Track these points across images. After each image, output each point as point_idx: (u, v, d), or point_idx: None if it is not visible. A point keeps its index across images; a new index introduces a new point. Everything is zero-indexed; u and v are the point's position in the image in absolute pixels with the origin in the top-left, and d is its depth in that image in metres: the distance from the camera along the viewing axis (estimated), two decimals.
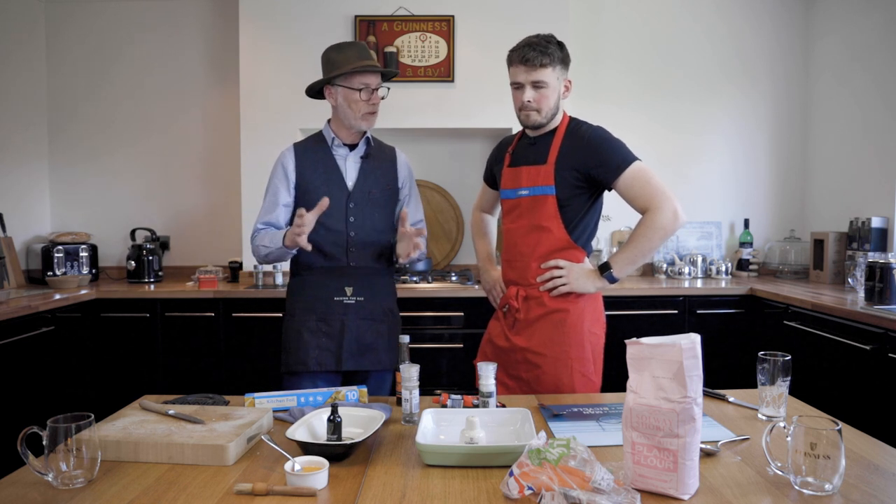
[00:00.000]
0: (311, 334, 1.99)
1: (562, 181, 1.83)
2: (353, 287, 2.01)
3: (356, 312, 2.01)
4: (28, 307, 2.71)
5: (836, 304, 2.65)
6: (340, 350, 1.99)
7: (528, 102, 1.83)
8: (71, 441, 1.10)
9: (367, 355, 2.01)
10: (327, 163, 2.03)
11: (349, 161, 2.04)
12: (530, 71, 1.80)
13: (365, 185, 2.03)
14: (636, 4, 3.79)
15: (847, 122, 3.48)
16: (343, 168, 2.04)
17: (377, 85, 1.97)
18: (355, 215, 2.01)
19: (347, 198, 2.00)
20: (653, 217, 1.77)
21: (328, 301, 2.00)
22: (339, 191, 2.00)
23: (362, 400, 1.60)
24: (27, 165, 3.65)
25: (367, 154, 2.06)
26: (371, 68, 1.94)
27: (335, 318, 2.00)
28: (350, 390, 1.59)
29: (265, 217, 2.02)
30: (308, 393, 1.58)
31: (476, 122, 3.45)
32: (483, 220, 2.25)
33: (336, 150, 2.04)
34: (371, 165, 2.06)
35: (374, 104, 1.98)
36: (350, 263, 2.01)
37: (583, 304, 1.88)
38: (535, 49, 1.79)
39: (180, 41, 3.77)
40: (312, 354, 1.98)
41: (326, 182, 2.01)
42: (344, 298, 2.00)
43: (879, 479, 1.13)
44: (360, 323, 2.01)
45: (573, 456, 1.05)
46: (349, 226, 2.00)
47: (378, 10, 3.41)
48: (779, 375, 1.44)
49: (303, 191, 2.02)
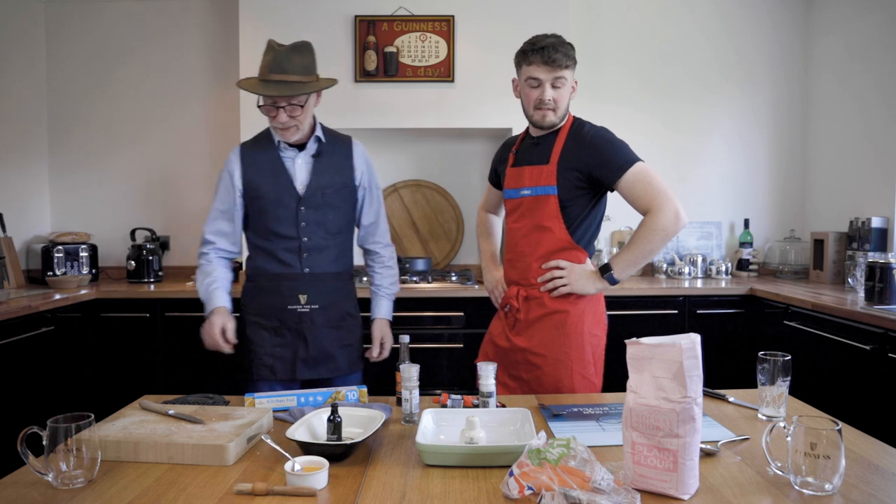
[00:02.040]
0: (265, 344, 1.94)
1: (564, 181, 1.82)
2: (307, 294, 1.94)
3: (311, 320, 1.94)
4: (28, 307, 2.71)
5: (836, 304, 2.65)
6: (295, 359, 1.93)
7: (549, 101, 1.82)
8: (71, 441, 1.10)
9: (324, 364, 1.96)
10: (275, 166, 1.93)
11: (298, 162, 1.95)
12: (554, 70, 1.80)
13: (317, 186, 1.94)
14: (636, 4, 3.79)
15: (847, 122, 3.48)
16: (292, 171, 1.94)
17: (287, 103, 1.84)
18: (307, 220, 1.93)
19: (298, 202, 1.92)
20: (654, 218, 1.75)
21: (282, 309, 1.93)
22: (288, 196, 1.92)
23: (362, 400, 1.60)
24: (27, 165, 3.65)
25: (318, 152, 1.97)
26: (261, 92, 1.82)
27: (290, 328, 1.94)
28: (350, 390, 1.59)
29: (213, 225, 1.97)
30: (308, 393, 1.58)
31: (476, 122, 3.45)
32: (488, 220, 2.25)
33: (283, 151, 1.95)
34: (323, 164, 1.96)
35: (281, 122, 1.86)
36: (305, 270, 1.94)
37: (583, 305, 1.88)
38: (559, 51, 1.79)
39: (180, 41, 3.77)
40: (266, 362, 1.93)
41: (275, 187, 1.92)
42: (298, 307, 1.93)
43: (879, 479, 1.13)
44: (318, 331, 1.95)
45: (573, 456, 1.05)
46: (301, 231, 1.93)
47: (378, 10, 3.41)
48: (779, 375, 1.44)
49: (252, 196, 1.94)
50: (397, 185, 3.80)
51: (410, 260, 3.48)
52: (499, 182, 2.11)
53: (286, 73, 1.84)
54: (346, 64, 3.38)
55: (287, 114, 1.85)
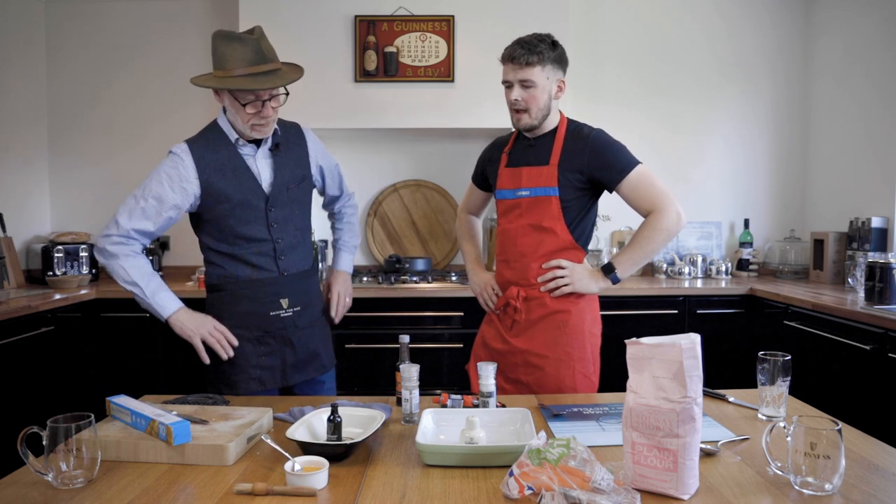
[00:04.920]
0: (248, 356, 1.80)
1: (565, 183, 1.82)
2: (288, 298, 1.83)
3: (295, 323, 1.84)
4: (28, 307, 2.71)
5: (836, 304, 2.65)
6: (285, 366, 1.83)
7: (516, 101, 1.82)
8: (71, 441, 1.10)
9: (311, 364, 1.90)
10: (236, 165, 1.77)
11: (259, 159, 1.81)
12: (517, 69, 1.80)
13: (282, 182, 1.82)
14: (636, 5, 3.79)
15: (847, 122, 3.48)
16: (255, 169, 1.79)
17: (270, 95, 1.70)
18: (277, 220, 1.81)
19: (266, 202, 1.79)
20: (657, 219, 1.78)
21: (264, 317, 1.80)
22: (255, 197, 1.78)
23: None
24: (27, 165, 3.65)
25: (274, 145, 1.83)
26: (258, 86, 1.66)
27: (274, 335, 1.82)
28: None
29: (139, 222, 1.73)
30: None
31: (476, 122, 3.45)
32: (470, 221, 2.22)
33: (241, 148, 1.79)
34: (283, 157, 1.84)
35: (266, 116, 1.73)
36: (283, 273, 1.83)
37: (583, 304, 1.88)
38: (524, 47, 1.78)
39: (180, 41, 3.77)
40: (253, 375, 1.80)
41: (240, 189, 1.76)
42: (281, 312, 1.82)
43: (879, 479, 1.13)
44: (302, 333, 1.86)
45: (573, 456, 1.05)
46: (273, 232, 1.81)
47: (378, 10, 3.41)
48: (779, 375, 1.44)
49: (213, 201, 1.76)
50: (397, 185, 3.80)
51: (410, 260, 3.48)
52: (484, 183, 2.09)
53: (270, 61, 1.70)
54: (346, 64, 3.38)
55: (272, 106, 1.72)
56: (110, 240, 1.74)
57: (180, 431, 1.21)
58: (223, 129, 1.80)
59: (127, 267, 1.74)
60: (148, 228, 1.76)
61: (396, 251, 3.79)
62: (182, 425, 1.22)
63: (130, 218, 1.74)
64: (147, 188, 1.75)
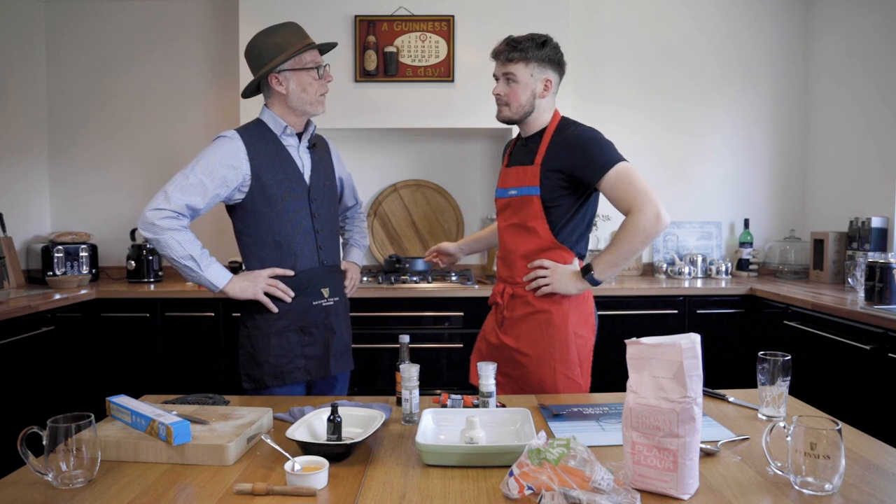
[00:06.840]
0: (292, 346, 1.85)
1: (547, 182, 1.81)
2: (328, 287, 1.91)
3: (335, 313, 1.92)
4: (28, 307, 2.71)
5: (836, 304, 2.65)
6: (328, 354, 1.89)
7: (499, 95, 1.89)
8: (71, 441, 1.10)
9: (345, 357, 1.96)
10: (282, 156, 1.86)
11: (301, 152, 1.91)
12: (502, 64, 1.87)
13: (319, 176, 1.92)
14: (636, 4, 3.79)
15: (847, 122, 3.48)
16: (298, 160, 1.89)
17: (326, 63, 1.89)
18: (317, 211, 1.90)
19: (308, 193, 1.88)
20: (634, 220, 1.72)
21: (307, 306, 1.87)
22: (299, 187, 1.86)
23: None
24: (27, 165, 3.65)
25: (312, 143, 1.94)
26: (319, 45, 1.89)
27: (318, 324, 1.88)
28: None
29: (190, 197, 1.74)
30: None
31: (476, 122, 3.45)
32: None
33: (286, 139, 1.88)
34: (318, 155, 1.96)
35: (328, 81, 1.89)
36: (323, 262, 1.91)
37: (567, 305, 1.86)
38: (510, 43, 1.84)
39: (180, 41, 3.77)
40: (299, 364, 1.85)
41: (286, 178, 1.84)
42: (323, 301, 1.89)
43: (879, 479, 1.13)
44: (341, 323, 1.94)
45: (573, 456, 1.05)
46: (315, 222, 1.89)
47: (378, 9, 3.41)
48: (779, 375, 1.44)
49: (260, 186, 1.81)
50: (397, 185, 3.80)
51: (410, 260, 3.48)
52: None
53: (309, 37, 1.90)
54: (346, 64, 3.38)
55: (327, 77, 1.89)
56: (161, 213, 1.74)
57: (180, 431, 1.22)
58: (267, 123, 1.88)
59: (181, 241, 1.76)
60: (197, 205, 1.77)
61: (396, 251, 3.79)
62: (182, 425, 1.22)
63: (182, 193, 1.75)
64: (198, 165, 1.77)
